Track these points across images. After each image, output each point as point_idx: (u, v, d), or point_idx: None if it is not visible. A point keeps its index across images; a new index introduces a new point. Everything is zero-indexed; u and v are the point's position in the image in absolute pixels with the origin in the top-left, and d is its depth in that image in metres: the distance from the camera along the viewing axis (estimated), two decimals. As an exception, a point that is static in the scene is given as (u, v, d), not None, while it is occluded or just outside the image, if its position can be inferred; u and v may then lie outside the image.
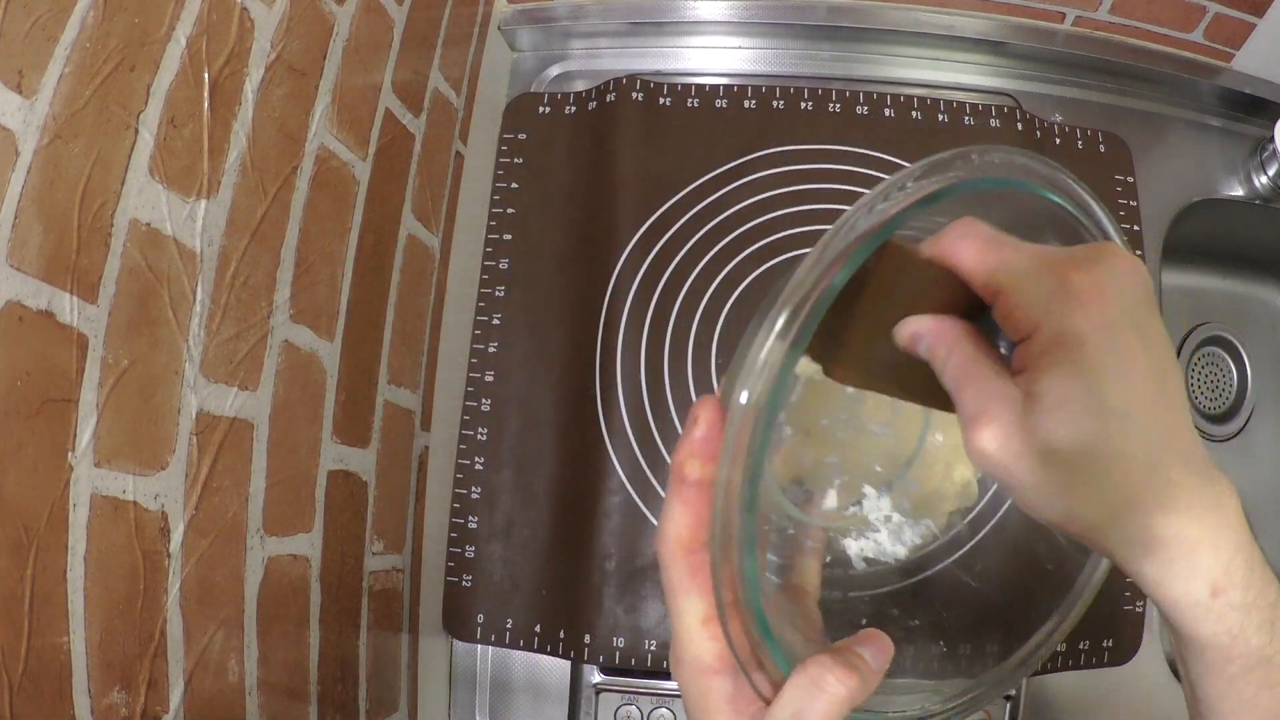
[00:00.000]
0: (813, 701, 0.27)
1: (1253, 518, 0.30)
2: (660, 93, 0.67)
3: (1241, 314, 0.82)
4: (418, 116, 0.57)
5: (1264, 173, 0.69)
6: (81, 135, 0.30)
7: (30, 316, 0.29)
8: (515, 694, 0.61)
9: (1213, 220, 0.72)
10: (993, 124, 0.67)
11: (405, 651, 0.58)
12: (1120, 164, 0.68)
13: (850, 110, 0.67)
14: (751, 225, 0.64)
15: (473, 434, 0.63)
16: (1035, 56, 0.70)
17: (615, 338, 0.62)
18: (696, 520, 0.28)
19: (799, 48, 0.71)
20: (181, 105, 0.35)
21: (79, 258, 0.30)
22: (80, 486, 0.31)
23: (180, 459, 0.36)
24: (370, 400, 0.52)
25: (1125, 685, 0.60)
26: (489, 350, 0.64)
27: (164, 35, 0.34)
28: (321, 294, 0.46)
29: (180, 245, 0.35)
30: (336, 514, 0.48)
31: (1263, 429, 0.79)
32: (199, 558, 0.37)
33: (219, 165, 0.38)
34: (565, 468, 0.62)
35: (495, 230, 0.67)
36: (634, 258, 0.63)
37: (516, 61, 0.73)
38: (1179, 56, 0.71)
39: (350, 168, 0.49)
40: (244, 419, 0.40)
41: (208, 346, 0.37)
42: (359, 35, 0.48)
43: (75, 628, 0.30)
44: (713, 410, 0.28)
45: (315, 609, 0.46)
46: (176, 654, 0.36)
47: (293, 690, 0.44)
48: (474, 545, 0.61)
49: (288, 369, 0.43)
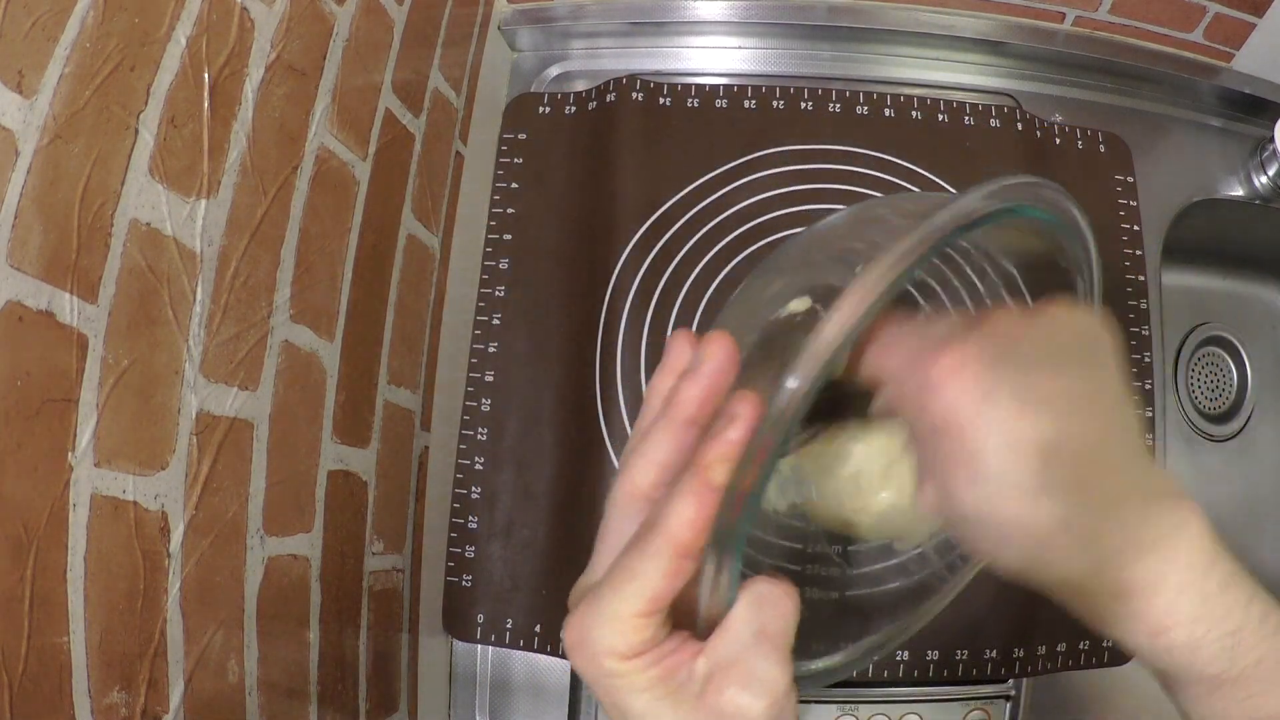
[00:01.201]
0: (771, 611, 0.26)
1: (1253, 518, 0.30)
2: (660, 93, 0.67)
3: (1241, 314, 0.82)
4: (418, 116, 0.57)
5: (1264, 173, 0.69)
6: (81, 135, 0.30)
7: (30, 316, 0.29)
8: (515, 694, 0.61)
9: (1213, 220, 0.72)
10: (993, 124, 0.67)
11: (405, 651, 0.58)
12: (1120, 164, 0.68)
13: (850, 110, 0.67)
14: (751, 225, 0.64)
15: (473, 434, 0.63)
16: (1035, 56, 0.70)
17: (615, 338, 0.62)
18: (674, 458, 0.27)
19: (799, 48, 0.71)
20: (181, 105, 0.35)
21: (79, 258, 0.30)
22: (80, 486, 0.31)
23: (180, 459, 0.36)
24: (370, 400, 0.52)
25: (1125, 685, 0.60)
26: (489, 350, 0.64)
27: (164, 35, 0.34)
28: (321, 294, 0.46)
29: (180, 245, 0.35)
30: (336, 514, 0.48)
31: (1263, 429, 0.79)
32: (199, 558, 0.37)
33: (219, 165, 0.38)
34: (565, 468, 0.62)
35: (495, 230, 0.67)
36: (634, 258, 0.63)
37: (516, 61, 0.73)
38: (1179, 56, 0.71)
39: (350, 168, 0.49)
40: (244, 419, 0.40)
41: (208, 346, 0.37)
42: (359, 35, 0.48)
43: (75, 628, 0.30)
44: (725, 351, 0.27)
45: (315, 609, 0.46)
46: (176, 654, 0.36)
47: (293, 690, 0.44)
48: (474, 545, 0.61)
49: (288, 369, 0.43)
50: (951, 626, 0.58)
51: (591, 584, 0.27)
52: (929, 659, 0.57)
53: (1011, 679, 0.59)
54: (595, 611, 0.26)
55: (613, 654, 0.25)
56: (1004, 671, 0.58)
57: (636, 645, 0.25)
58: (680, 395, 0.27)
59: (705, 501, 0.25)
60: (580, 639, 0.26)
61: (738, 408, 0.25)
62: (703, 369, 0.27)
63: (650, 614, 0.25)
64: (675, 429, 0.27)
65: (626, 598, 0.25)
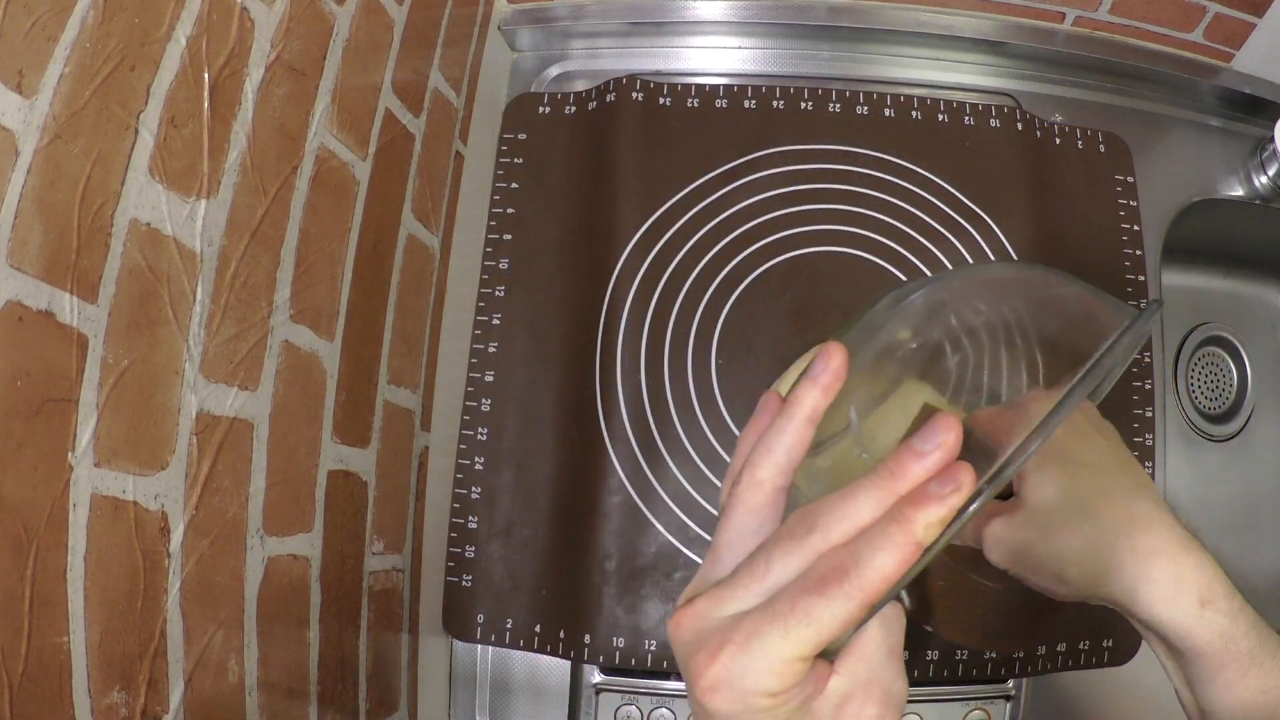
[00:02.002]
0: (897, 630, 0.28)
1: (1253, 518, 0.33)
2: (660, 93, 0.67)
3: (1241, 314, 0.82)
4: (418, 116, 0.57)
5: (1264, 173, 0.69)
6: (81, 135, 0.30)
7: (30, 316, 0.29)
8: (515, 694, 0.61)
9: (1213, 220, 0.72)
10: (993, 124, 0.67)
11: (405, 651, 0.58)
12: (1120, 164, 0.68)
13: (850, 110, 0.67)
14: (751, 225, 0.64)
15: (473, 434, 0.63)
16: (1035, 56, 0.70)
17: (615, 338, 0.62)
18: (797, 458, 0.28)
19: (799, 48, 0.71)
20: (181, 105, 0.35)
21: (79, 258, 0.30)
22: (80, 486, 0.31)
23: (180, 459, 0.36)
24: (370, 400, 0.52)
25: (1125, 685, 0.60)
26: (489, 350, 0.64)
27: (164, 35, 0.34)
28: (321, 294, 0.46)
29: (180, 245, 0.35)
30: (336, 514, 0.48)
31: (1263, 429, 0.79)
32: (199, 558, 0.37)
33: (219, 165, 0.38)
34: (565, 468, 0.62)
35: (495, 230, 0.67)
36: (634, 258, 0.63)
37: (516, 61, 0.73)
38: (1179, 56, 0.71)
39: (350, 168, 0.49)
40: (244, 419, 0.40)
41: (208, 346, 0.37)
42: (359, 35, 0.48)
43: (75, 628, 0.30)
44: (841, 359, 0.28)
45: (315, 609, 0.46)
46: (176, 654, 0.36)
47: (293, 690, 0.44)
48: (474, 545, 0.61)
49: (288, 369, 0.43)
50: (951, 626, 0.58)
51: (715, 578, 0.27)
52: (929, 659, 0.57)
53: (1011, 679, 0.59)
54: (752, 652, 0.24)
55: (766, 694, 0.25)
56: (1004, 671, 0.58)
57: (790, 685, 0.25)
58: (800, 395, 0.28)
59: (909, 560, 0.24)
60: (728, 680, 0.25)
61: (960, 475, 0.24)
62: (822, 376, 0.28)
63: (813, 656, 0.25)
64: (797, 427, 0.28)
65: (798, 642, 0.24)
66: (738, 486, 0.28)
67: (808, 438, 0.28)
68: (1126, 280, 0.66)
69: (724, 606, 0.26)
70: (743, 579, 0.26)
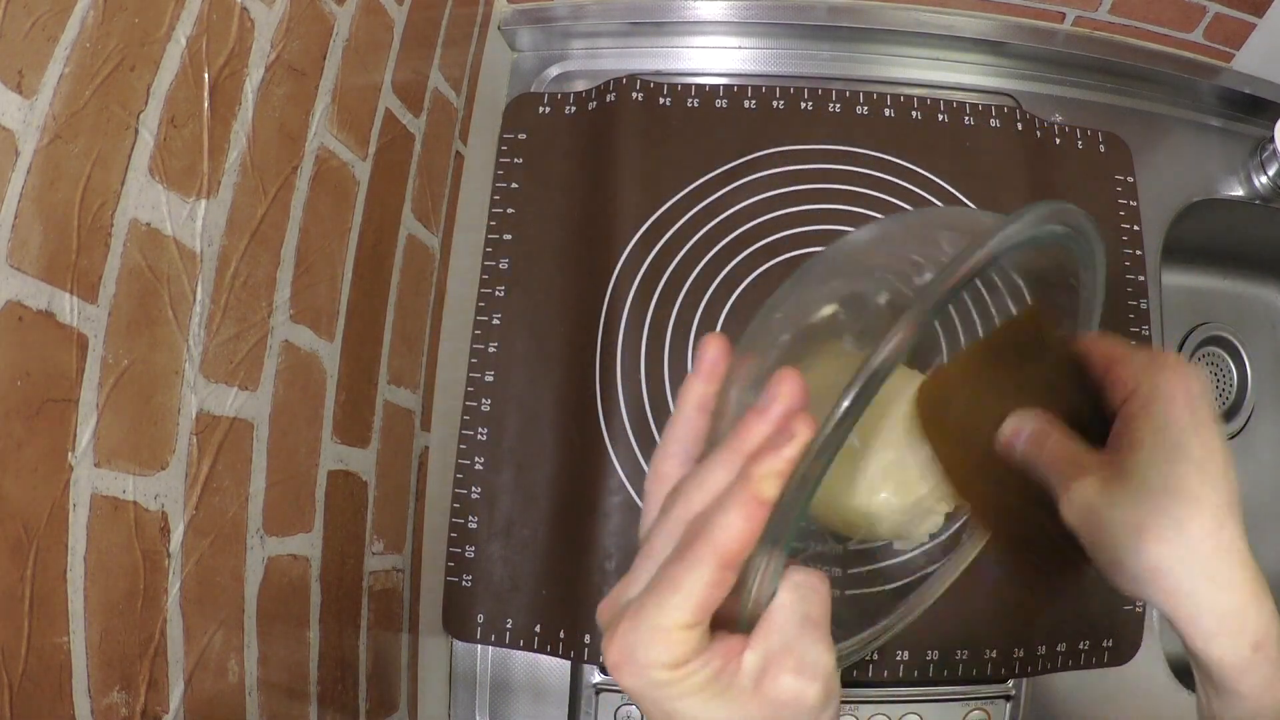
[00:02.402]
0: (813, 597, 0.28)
1: (1252, 518, 0.32)
2: (660, 93, 0.67)
3: (1241, 314, 0.82)
4: (418, 116, 0.57)
5: (1264, 173, 0.69)
6: (81, 135, 0.30)
7: (30, 316, 0.29)
8: (515, 694, 0.61)
9: (1213, 220, 0.72)
10: (993, 124, 0.67)
11: (405, 651, 0.58)
12: (1120, 164, 0.68)
13: (850, 110, 0.67)
14: (751, 225, 0.64)
15: (473, 434, 0.63)
16: (1035, 56, 0.70)
17: (615, 338, 0.62)
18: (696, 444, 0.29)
19: (799, 48, 0.71)
20: (181, 105, 0.35)
21: (79, 258, 0.30)
22: (80, 486, 0.31)
23: (180, 459, 0.36)
24: (370, 400, 0.52)
25: (1125, 685, 0.60)
26: (489, 350, 0.64)
27: (164, 35, 0.34)
28: (321, 294, 0.46)
29: (180, 245, 0.35)
30: (336, 514, 0.48)
31: (1263, 429, 0.79)
32: (199, 558, 0.37)
33: (219, 165, 0.38)
34: (565, 468, 0.62)
35: (495, 230, 0.67)
36: (634, 258, 0.63)
37: (516, 61, 0.73)
38: (1179, 56, 0.71)
39: (350, 168, 0.49)
40: (244, 419, 0.40)
41: (208, 346, 0.37)
42: (359, 35, 0.48)
43: (75, 628, 0.30)
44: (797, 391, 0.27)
45: (315, 609, 0.46)
46: (176, 654, 0.36)
47: (293, 690, 0.44)
48: (474, 545, 0.61)
49: (288, 369, 0.43)
50: (951, 626, 0.58)
51: (629, 599, 0.27)
52: (929, 659, 0.57)
53: (1011, 679, 0.59)
54: (638, 626, 0.25)
55: (661, 666, 0.25)
56: (1004, 671, 0.58)
57: (683, 655, 0.25)
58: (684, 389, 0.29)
59: (754, 515, 0.25)
60: (625, 656, 0.26)
61: (795, 425, 0.25)
62: (772, 410, 0.26)
63: (696, 624, 0.25)
64: (687, 418, 0.30)
65: (671, 609, 0.25)
66: (646, 482, 0.30)
67: (700, 426, 0.30)
68: (1126, 280, 0.66)
69: (628, 590, 0.27)
70: (639, 561, 0.28)
